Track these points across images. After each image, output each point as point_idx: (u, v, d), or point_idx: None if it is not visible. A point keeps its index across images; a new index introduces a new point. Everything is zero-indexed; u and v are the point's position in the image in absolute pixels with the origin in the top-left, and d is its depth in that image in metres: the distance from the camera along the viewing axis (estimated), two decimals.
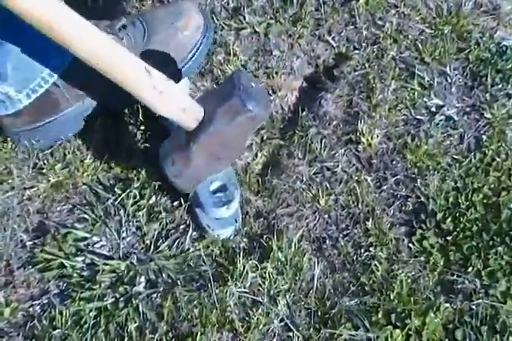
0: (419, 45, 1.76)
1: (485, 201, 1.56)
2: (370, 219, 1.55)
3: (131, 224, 1.51)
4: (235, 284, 1.45)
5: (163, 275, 1.47)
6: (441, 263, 1.50)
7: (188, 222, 1.54)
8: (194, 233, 1.53)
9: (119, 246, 1.49)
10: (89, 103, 1.57)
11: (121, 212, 1.52)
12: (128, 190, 1.54)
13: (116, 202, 1.53)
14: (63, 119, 1.57)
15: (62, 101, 1.55)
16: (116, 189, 1.55)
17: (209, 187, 1.49)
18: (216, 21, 1.78)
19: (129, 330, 1.40)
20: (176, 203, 1.55)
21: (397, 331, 1.41)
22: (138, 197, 1.54)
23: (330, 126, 1.67)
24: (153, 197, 1.55)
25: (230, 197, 1.49)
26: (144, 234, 1.51)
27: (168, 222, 1.53)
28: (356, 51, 1.77)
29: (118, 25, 1.56)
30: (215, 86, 1.72)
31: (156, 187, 1.56)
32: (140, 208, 1.53)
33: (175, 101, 1.37)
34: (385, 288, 1.46)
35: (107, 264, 1.47)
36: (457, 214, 1.54)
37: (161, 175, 1.52)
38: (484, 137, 1.65)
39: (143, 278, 1.46)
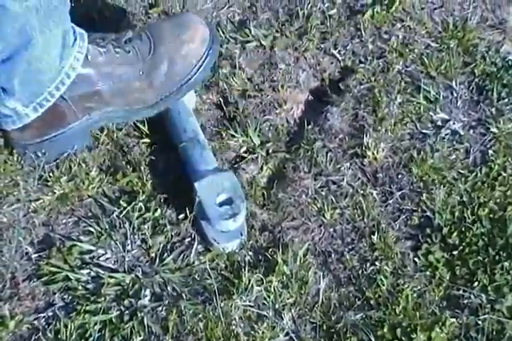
0: (425, 59, 1.77)
1: (491, 216, 1.56)
2: (376, 233, 1.54)
3: (136, 237, 1.51)
4: (240, 298, 1.45)
5: (169, 288, 1.47)
6: (447, 278, 1.49)
7: (193, 235, 1.53)
8: (199, 246, 1.53)
9: (124, 259, 1.49)
10: (96, 117, 1.58)
11: (127, 224, 1.52)
12: (133, 203, 1.54)
13: (121, 215, 1.53)
14: (71, 133, 1.57)
15: (70, 114, 1.55)
16: (121, 201, 1.55)
17: (215, 200, 1.49)
18: (222, 34, 1.78)
19: None
20: (181, 216, 1.54)
21: None
22: (143, 209, 1.53)
23: (335, 139, 1.67)
24: (159, 210, 1.54)
25: (236, 210, 1.48)
26: (149, 247, 1.51)
27: (173, 234, 1.53)
28: (362, 65, 1.78)
29: (124, 38, 1.56)
30: (221, 99, 1.72)
31: (162, 200, 1.56)
32: (145, 221, 1.53)
33: None
34: (390, 303, 1.46)
35: (112, 277, 1.46)
36: (463, 229, 1.54)
37: (167, 187, 1.53)
38: (490, 151, 1.65)
39: (148, 292, 1.46)
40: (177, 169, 1.60)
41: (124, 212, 1.53)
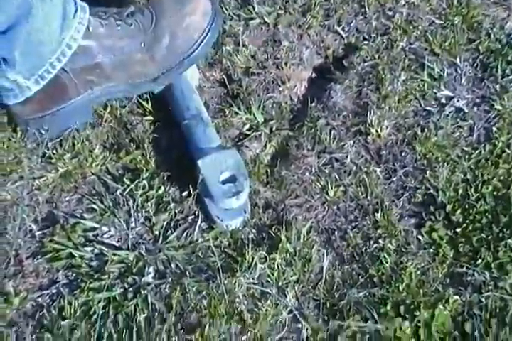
0: (429, 36, 1.76)
1: (495, 193, 1.56)
2: (379, 211, 1.54)
3: (139, 214, 1.51)
4: (244, 275, 1.45)
5: (172, 265, 1.47)
6: (451, 255, 1.49)
7: (196, 213, 1.53)
8: (203, 224, 1.53)
9: (128, 236, 1.49)
10: (98, 92, 1.57)
11: (130, 202, 1.52)
12: (137, 181, 1.54)
13: (125, 193, 1.53)
14: (72, 108, 1.57)
15: (71, 88, 1.55)
16: (125, 179, 1.55)
17: (218, 178, 1.49)
18: (225, 11, 1.77)
19: (137, 321, 1.40)
20: (184, 193, 1.54)
21: (406, 323, 1.40)
22: (147, 187, 1.53)
23: (339, 117, 1.67)
24: (162, 188, 1.54)
25: (239, 188, 1.48)
26: (152, 224, 1.51)
27: (176, 212, 1.53)
28: (366, 42, 1.77)
29: (126, 12, 1.57)
30: (224, 76, 1.71)
31: (165, 178, 1.56)
32: (149, 198, 1.53)
33: None
34: (393, 280, 1.46)
35: (115, 254, 1.47)
36: (467, 206, 1.54)
37: (170, 164, 1.53)
38: (494, 129, 1.64)
39: (151, 269, 1.46)
40: (180, 146, 1.60)
41: (128, 190, 1.53)
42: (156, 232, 1.50)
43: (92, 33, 1.52)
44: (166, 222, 1.51)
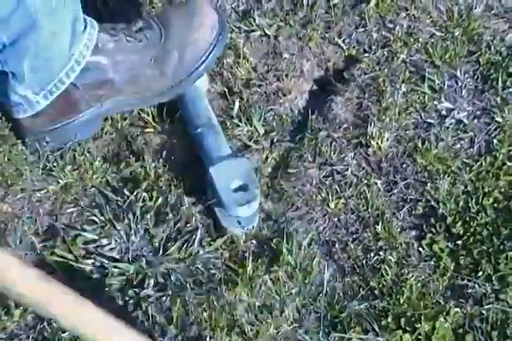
0: (430, 48, 1.76)
1: (495, 205, 1.56)
2: (380, 223, 1.54)
3: (139, 226, 1.51)
4: (245, 288, 1.45)
5: (173, 278, 1.47)
6: (451, 268, 1.49)
7: (197, 224, 1.53)
8: (203, 235, 1.53)
9: (129, 248, 1.49)
10: (108, 105, 1.58)
11: (130, 214, 1.52)
12: (136, 192, 1.54)
13: (124, 205, 1.53)
14: (82, 121, 1.58)
15: (82, 102, 1.56)
16: (125, 191, 1.55)
17: (230, 185, 1.50)
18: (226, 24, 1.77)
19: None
20: (184, 204, 1.54)
21: (407, 335, 1.40)
22: (147, 199, 1.53)
23: (340, 129, 1.67)
24: (161, 199, 1.54)
25: (251, 197, 1.49)
26: (152, 236, 1.51)
27: (176, 223, 1.53)
28: (366, 54, 1.77)
29: (135, 28, 1.58)
30: (225, 88, 1.71)
31: (164, 189, 1.56)
32: (148, 210, 1.53)
33: None
34: (394, 292, 1.46)
35: (116, 267, 1.47)
36: (467, 219, 1.54)
37: (170, 176, 1.54)
38: (495, 141, 1.64)
39: (152, 281, 1.46)
40: (180, 158, 1.60)
41: (128, 202, 1.53)
42: (156, 244, 1.50)
43: (102, 48, 1.52)
44: (165, 234, 1.51)
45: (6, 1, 1.37)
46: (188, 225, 1.53)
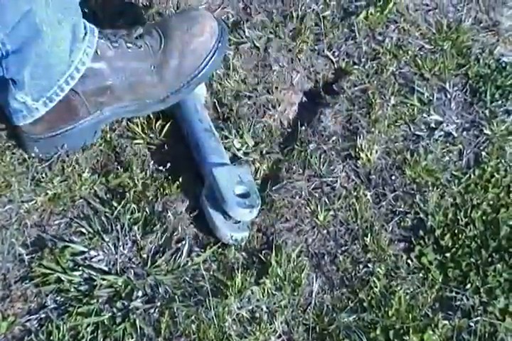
0: (419, 61, 1.77)
1: (484, 218, 1.56)
2: (369, 235, 1.54)
3: (127, 238, 1.51)
4: (233, 300, 1.44)
5: (161, 290, 1.46)
6: (440, 280, 1.49)
7: (185, 235, 1.53)
8: (192, 246, 1.52)
9: (117, 260, 1.49)
10: (108, 112, 1.59)
11: (118, 226, 1.51)
12: (124, 203, 1.53)
13: (112, 216, 1.52)
14: (81, 128, 1.59)
15: (82, 109, 1.56)
16: (113, 202, 1.54)
17: (234, 189, 1.50)
18: None
19: None
20: (173, 215, 1.54)
21: None
22: (135, 210, 1.53)
23: (329, 141, 1.67)
24: (149, 210, 1.54)
25: (253, 203, 1.51)
26: (140, 248, 1.50)
27: (164, 234, 1.52)
28: (356, 66, 1.78)
29: (135, 34, 1.59)
30: (215, 100, 1.72)
31: (151, 199, 1.56)
32: (136, 221, 1.52)
33: None
34: (383, 305, 1.46)
35: (104, 279, 1.46)
36: (456, 231, 1.54)
37: (158, 187, 1.55)
38: (483, 153, 1.65)
39: (140, 293, 1.46)
40: (168, 169, 1.60)
41: (116, 213, 1.52)
42: (145, 256, 1.49)
43: (102, 55, 1.53)
44: (153, 246, 1.50)
45: (15, 10, 1.38)
46: (176, 236, 1.53)
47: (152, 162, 1.62)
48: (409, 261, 1.52)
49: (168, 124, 1.65)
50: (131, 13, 1.82)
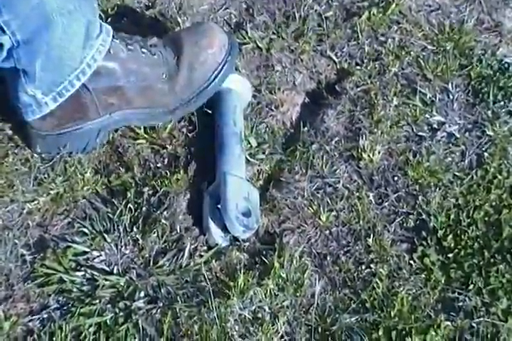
0: (422, 62, 1.77)
1: (486, 218, 1.56)
2: (371, 236, 1.54)
3: (129, 238, 1.51)
4: (236, 300, 1.44)
5: (163, 290, 1.46)
6: (442, 281, 1.49)
7: (187, 237, 1.53)
8: (194, 247, 1.52)
9: (119, 261, 1.49)
10: (117, 117, 1.60)
11: (120, 226, 1.51)
12: (125, 203, 1.53)
13: (114, 216, 1.52)
14: (89, 129, 1.59)
15: (92, 108, 1.56)
16: (115, 202, 1.55)
17: (238, 202, 1.50)
18: None
19: None
20: (174, 215, 1.54)
21: None
22: (137, 210, 1.53)
23: (331, 141, 1.67)
24: (150, 210, 1.54)
25: (250, 225, 1.51)
26: (142, 248, 1.50)
27: (166, 235, 1.52)
28: (358, 67, 1.78)
29: (150, 42, 1.61)
30: None
31: (153, 199, 1.56)
32: (137, 221, 1.52)
33: None
34: (385, 305, 1.46)
35: (106, 279, 1.46)
36: (458, 232, 1.54)
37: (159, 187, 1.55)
38: (486, 154, 1.65)
39: (142, 294, 1.46)
40: (170, 170, 1.60)
41: (117, 213, 1.52)
42: (147, 256, 1.49)
43: (115, 55, 1.54)
44: (156, 246, 1.50)
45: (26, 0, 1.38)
46: (178, 237, 1.53)
47: (154, 162, 1.62)
48: (411, 261, 1.52)
49: (170, 125, 1.65)
50: (133, 13, 1.83)
